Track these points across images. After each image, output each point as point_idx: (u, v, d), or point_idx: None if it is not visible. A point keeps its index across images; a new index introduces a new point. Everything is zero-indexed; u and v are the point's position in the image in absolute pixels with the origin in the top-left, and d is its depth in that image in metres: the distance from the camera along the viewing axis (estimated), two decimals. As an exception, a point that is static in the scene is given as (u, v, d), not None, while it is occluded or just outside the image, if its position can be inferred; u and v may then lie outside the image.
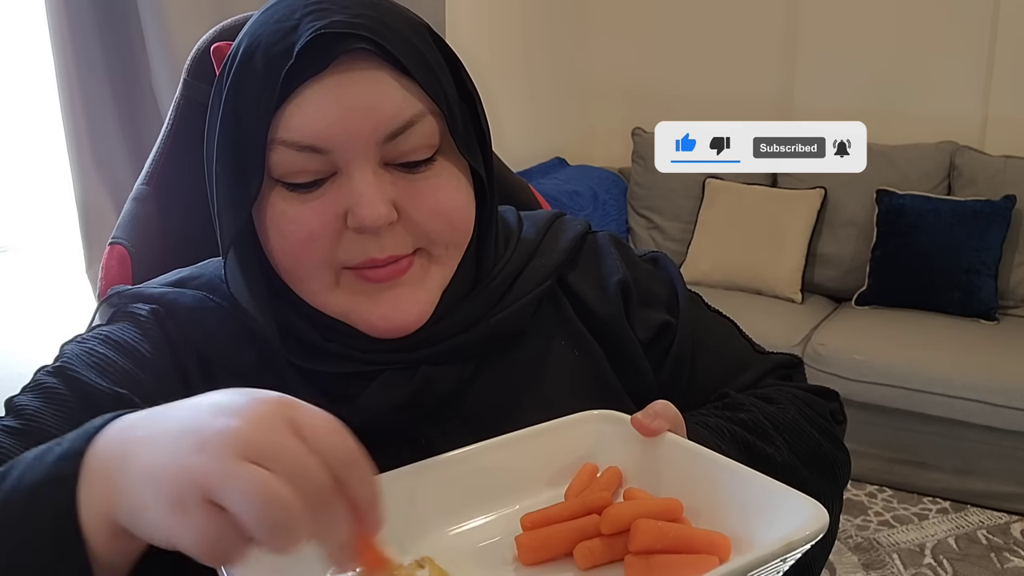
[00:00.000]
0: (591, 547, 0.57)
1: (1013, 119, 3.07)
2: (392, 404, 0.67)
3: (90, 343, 0.67)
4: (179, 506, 0.42)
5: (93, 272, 1.71)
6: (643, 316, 0.78)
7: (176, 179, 0.87)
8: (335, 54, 0.61)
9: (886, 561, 2.40)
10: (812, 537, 0.51)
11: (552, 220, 0.81)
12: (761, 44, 3.42)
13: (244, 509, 0.41)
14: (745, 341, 0.86)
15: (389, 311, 0.67)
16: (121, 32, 1.74)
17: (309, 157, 0.63)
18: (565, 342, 0.76)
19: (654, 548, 0.55)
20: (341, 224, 0.64)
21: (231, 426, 0.43)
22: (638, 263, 0.82)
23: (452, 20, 2.47)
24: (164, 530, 0.43)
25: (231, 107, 0.65)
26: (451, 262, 0.70)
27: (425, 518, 0.61)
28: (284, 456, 0.42)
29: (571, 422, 0.67)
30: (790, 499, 0.54)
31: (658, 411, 0.64)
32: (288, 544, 0.42)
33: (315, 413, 0.45)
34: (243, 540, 0.42)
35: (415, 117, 0.64)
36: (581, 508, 0.60)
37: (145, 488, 0.44)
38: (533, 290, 0.74)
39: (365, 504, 0.45)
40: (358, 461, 0.45)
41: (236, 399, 0.45)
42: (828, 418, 0.80)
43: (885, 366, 2.66)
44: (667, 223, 3.42)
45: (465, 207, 0.69)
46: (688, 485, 0.60)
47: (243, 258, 0.68)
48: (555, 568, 0.58)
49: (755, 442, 0.71)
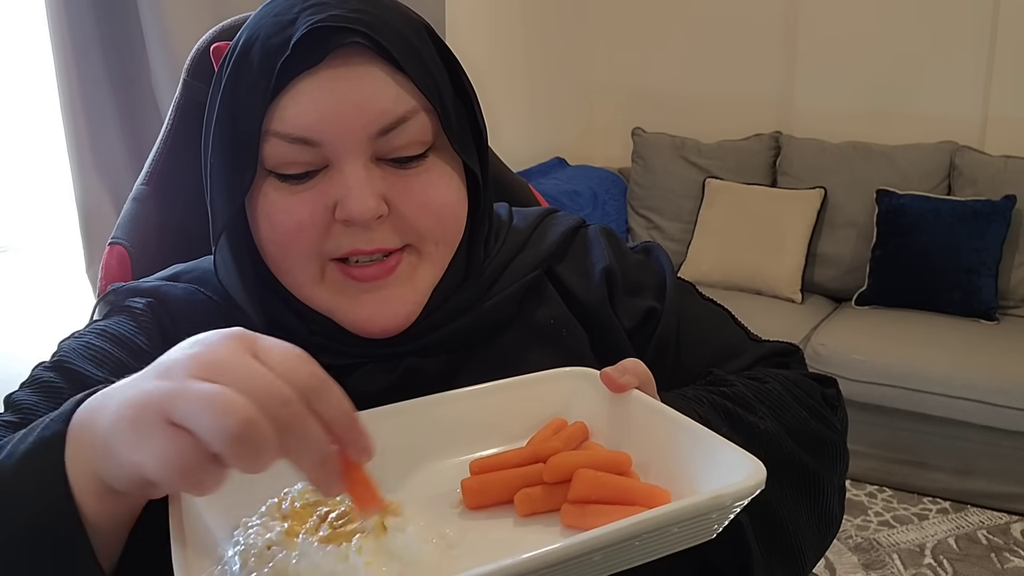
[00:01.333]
0: (531, 494, 0.57)
1: (1013, 119, 3.07)
2: (375, 394, 0.67)
3: (86, 337, 0.68)
4: (141, 430, 0.42)
5: (93, 272, 1.71)
6: (629, 304, 0.78)
7: (175, 179, 0.88)
8: (330, 48, 0.62)
9: (886, 561, 2.40)
10: (743, 493, 0.50)
11: (544, 215, 0.82)
12: (761, 45, 3.42)
13: (201, 421, 0.40)
14: (739, 329, 0.85)
15: (376, 312, 0.67)
16: (121, 32, 1.74)
17: (301, 149, 0.63)
18: (554, 322, 0.76)
19: (591, 498, 0.55)
20: (330, 216, 0.64)
21: (189, 352, 0.44)
22: (628, 253, 0.82)
23: (452, 20, 2.47)
24: (131, 463, 0.43)
25: (228, 97, 0.65)
26: (441, 260, 0.70)
27: (388, 460, 0.61)
28: (240, 371, 0.42)
29: (545, 377, 0.67)
30: (734, 456, 0.53)
31: (628, 367, 0.64)
32: (255, 459, 0.41)
33: (279, 343, 0.45)
34: (210, 460, 0.41)
35: (408, 113, 0.64)
36: (530, 456, 0.59)
37: (112, 427, 0.44)
38: (518, 281, 0.74)
39: (342, 428, 0.44)
40: (327, 385, 0.44)
41: (202, 335, 0.46)
42: (819, 400, 0.78)
43: (885, 366, 2.67)
44: (667, 223, 3.43)
45: (456, 204, 0.69)
46: (645, 441, 0.60)
47: (235, 248, 0.69)
48: (497, 513, 0.58)
49: (736, 410, 0.70)
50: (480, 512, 0.58)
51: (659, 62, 3.61)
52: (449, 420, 0.64)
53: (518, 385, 0.67)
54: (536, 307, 0.76)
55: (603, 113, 3.77)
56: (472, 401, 0.65)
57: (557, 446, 0.60)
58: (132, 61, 1.76)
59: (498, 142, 0.75)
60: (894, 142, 3.13)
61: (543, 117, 3.60)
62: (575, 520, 0.55)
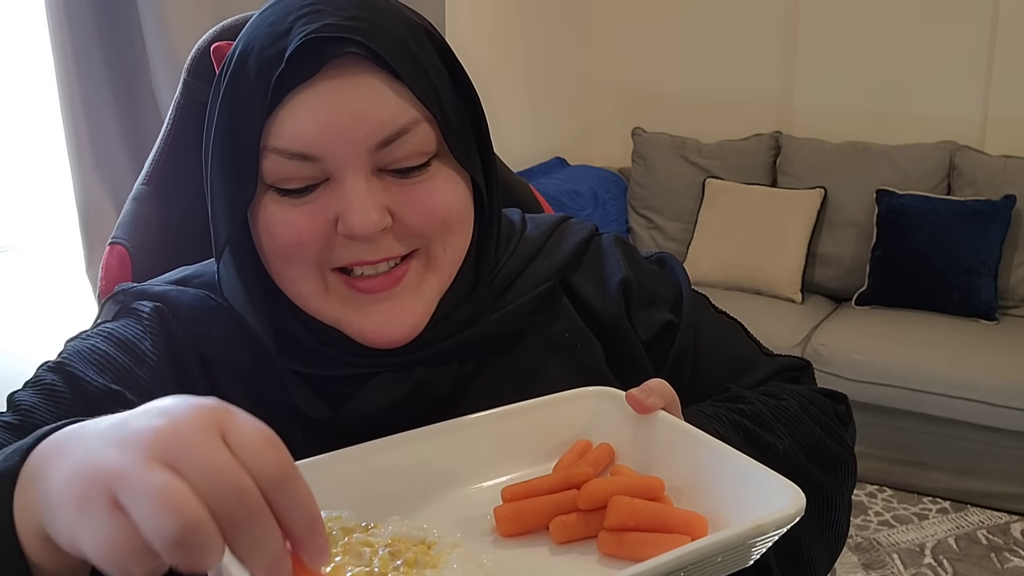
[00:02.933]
0: (567, 522, 0.57)
1: (1013, 119, 3.07)
2: (387, 405, 0.67)
3: (92, 339, 0.67)
4: (84, 504, 0.39)
5: (93, 272, 1.71)
6: (646, 316, 0.77)
7: (176, 179, 0.87)
8: (325, 59, 0.61)
9: (886, 561, 2.40)
10: (784, 521, 0.50)
11: (558, 223, 0.80)
12: (761, 44, 3.42)
13: (145, 517, 0.37)
14: (752, 342, 0.85)
15: (382, 324, 0.66)
16: (121, 32, 1.74)
17: (300, 164, 0.62)
18: (569, 335, 0.75)
19: (628, 525, 0.55)
20: (332, 230, 0.63)
21: (153, 425, 0.40)
22: (643, 264, 0.81)
23: (452, 20, 2.48)
24: (70, 530, 0.40)
25: (226, 111, 0.65)
26: (449, 268, 0.69)
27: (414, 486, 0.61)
28: (202, 460, 0.39)
29: (567, 398, 0.67)
30: (769, 481, 0.53)
31: (653, 388, 0.64)
32: (196, 562, 0.38)
33: (251, 424, 0.41)
34: (147, 553, 0.38)
35: (408, 124, 0.63)
36: (562, 482, 0.59)
37: (61, 486, 0.41)
38: (532, 291, 0.73)
39: (300, 529, 0.41)
40: (291, 478, 0.41)
41: (173, 401, 0.42)
42: (832, 417, 0.79)
43: (885, 366, 2.66)
44: (667, 223, 3.42)
45: (462, 210, 0.68)
46: (676, 464, 0.60)
47: (240, 263, 0.68)
48: (531, 541, 0.58)
49: (755, 430, 0.70)
50: (514, 540, 0.58)
51: (659, 62, 3.61)
52: (472, 443, 0.64)
53: (541, 406, 0.66)
54: (550, 319, 0.75)
55: (603, 113, 3.77)
56: (495, 424, 0.65)
57: (588, 471, 0.60)
58: (132, 61, 1.76)
59: (498, 142, 0.75)
60: (894, 142, 3.13)
61: (543, 117, 3.60)
62: (613, 549, 0.55)
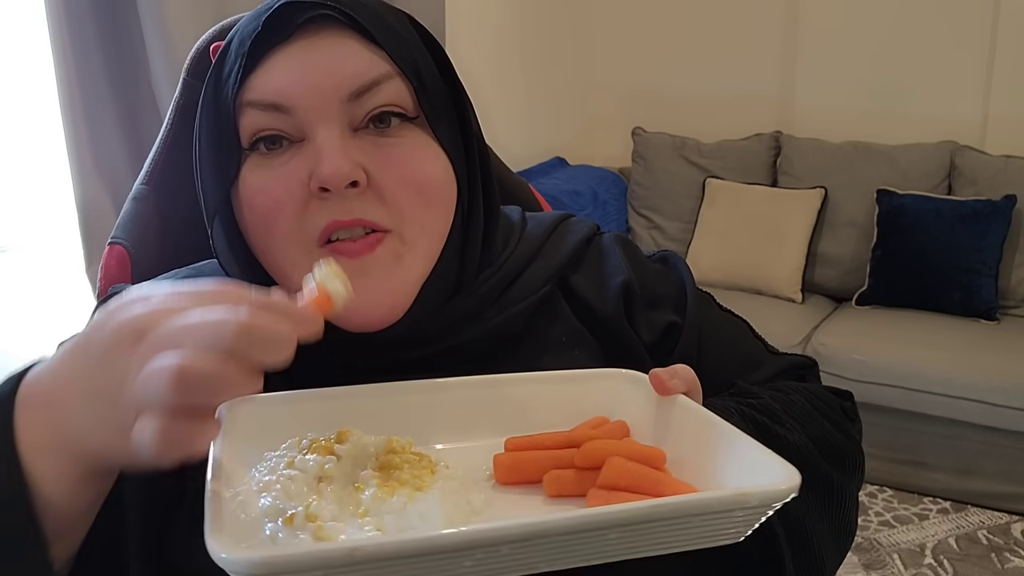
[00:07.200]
0: (561, 476, 0.57)
1: (1013, 119, 3.07)
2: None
3: None
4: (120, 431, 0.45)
5: (93, 272, 1.71)
6: (648, 318, 0.76)
7: (175, 179, 0.87)
8: (299, 20, 0.63)
9: (886, 561, 2.40)
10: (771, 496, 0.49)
11: (559, 221, 0.79)
12: (761, 44, 3.42)
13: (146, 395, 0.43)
14: (758, 341, 0.85)
15: (360, 303, 0.63)
16: (121, 32, 1.74)
17: (273, 116, 0.63)
18: (567, 339, 0.74)
19: (619, 485, 0.55)
20: (306, 191, 0.63)
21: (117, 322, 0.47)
22: (645, 263, 0.80)
23: (452, 20, 2.48)
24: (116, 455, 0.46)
25: (211, 87, 0.66)
26: (428, 251, 0.67)
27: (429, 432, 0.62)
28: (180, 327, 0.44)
29: (591, 376, 0.67)
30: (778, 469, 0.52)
31: (678, 371, 0.63)
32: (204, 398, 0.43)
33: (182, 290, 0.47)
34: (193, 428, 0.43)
35: (381, 77, 0.64)
36: (564, 441, 0.59)
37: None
38: (531, 295, 0.72)
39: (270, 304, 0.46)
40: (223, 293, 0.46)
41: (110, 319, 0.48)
42: (839, 412, 0.79)
43: (885, 366, 2.67)
44: (667, 223, 3.43)
45: (441, 181, 0.67)
46: (686, 445, 0.60)
47: (238, 258, 0.68)
48: (526, 491, 0.58)
49: (766, 422, 0.70)
50: (510, 488, 0.59)
51: (659, 61, 3.61)
52: (492, 401, 0.64)
53: (566, 379, 0.67)
54: (548, 322, 0.74)
55: (603, 113, 3.77)
56: (518, 387, 0.65)
57: (593, 434, 0.60)
58: (132, 61, 1.76)
59: (498, 142, 0.75)
60: (894, 142, 3.13)
61: (543, 117, 3.60)
62: (600, 504, 0.55)
